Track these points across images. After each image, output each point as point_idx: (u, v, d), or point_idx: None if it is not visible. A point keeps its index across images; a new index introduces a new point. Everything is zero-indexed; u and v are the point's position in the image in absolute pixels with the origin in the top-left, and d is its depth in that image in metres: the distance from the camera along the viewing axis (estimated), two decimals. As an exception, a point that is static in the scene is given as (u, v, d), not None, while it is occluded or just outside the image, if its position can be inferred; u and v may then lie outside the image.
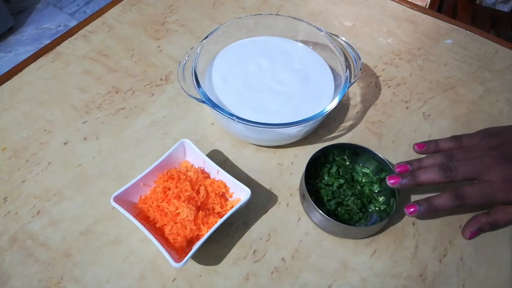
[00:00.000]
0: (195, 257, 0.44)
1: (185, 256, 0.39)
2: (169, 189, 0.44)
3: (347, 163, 0.50)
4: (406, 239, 0.47)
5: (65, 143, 0.53)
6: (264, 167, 0.52)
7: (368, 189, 0.48)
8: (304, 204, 0.47)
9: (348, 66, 0.52)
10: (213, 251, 0.45)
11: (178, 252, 0.42)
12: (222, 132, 0.55)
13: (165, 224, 0.43)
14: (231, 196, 0.47)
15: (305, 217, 0.48)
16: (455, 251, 0.46)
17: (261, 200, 0.49)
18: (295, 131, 0.49)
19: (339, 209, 0.47)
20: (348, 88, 0.50)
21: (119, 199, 0.42)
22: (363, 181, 0.49)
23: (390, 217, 0.44)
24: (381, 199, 0.48)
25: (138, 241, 0.45)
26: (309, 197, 0.44)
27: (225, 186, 0.46)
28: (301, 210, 0.48)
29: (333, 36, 0.54)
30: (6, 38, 1.75)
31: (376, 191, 0.48)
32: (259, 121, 0.45)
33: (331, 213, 0.46)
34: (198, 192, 0.45)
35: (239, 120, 0.45)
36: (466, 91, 0.61)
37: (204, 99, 0.47)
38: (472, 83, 0.62)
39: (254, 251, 0.45)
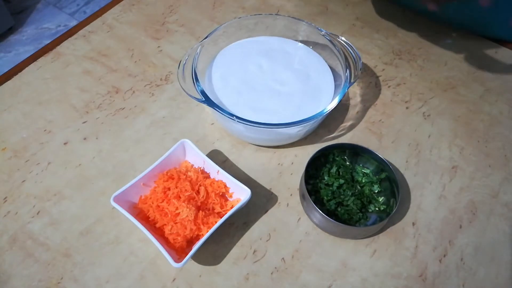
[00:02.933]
0: (195, 257, 0.44)
1: (185, 256, 0.39)
2: (169, 189, 0.44)
3: (347, 163, 0.50)
4: (406, 239, 0.47)
5: (65, 143, 0.53)
6: (264, 167, 0.52)
7: (368, 189, 0.48)
8: (304, 204, 0.47)
9: (348, 66, 0.52)
10: (213, 251, 0.45)
11: (178, 252, 0.42)
12: (222, 132, 0.55)
13: (165, 224, 0.43)
14: (231, 196, 0.47)
15: (305, 217, 0.48)
16: (455, 251, 0.46)
17: (261, 200, 0.49)
18: (295, 131, 0.49)
19: (339, 209, 0.47)
20: (348, 88, 0.50)
21: (119, 199, 0.42)
22: (363, 181, 0.49)
23: (390, 217, 0.44)
24: (381, 199, 0.48)
25: (138, 241, 0.45)
26: (309, 197, 0.44)
27: (225, 186, 0.46)
28: (301, 210, 0.48)
29: (333, 36, 0.54)
30: (6, 38, 1.75)
31: (376, 191, 0.48)
32: (259, 121, 0.45)
33: (331, 213, 0.46)
34: (198, 192, 0.45)
35: (239, 120, 0.45)
36: (466, 91, 0.61)
37: (204, 99, 0.47)
38: (472, 83, 0.62)
39: (254, 251, 0.45)
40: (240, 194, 0.45)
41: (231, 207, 0.45)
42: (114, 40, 0.64)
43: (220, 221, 0.41)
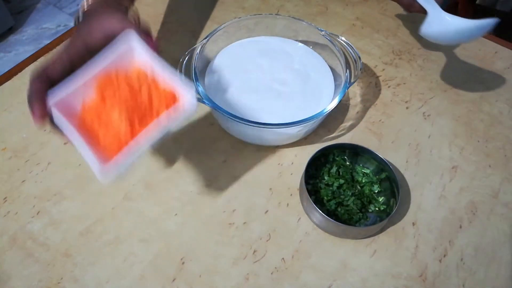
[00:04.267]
0: (195, 257, 0.44)
1: (114, 167, 0.34)
2: (107, 93, 0.39)
3: (347, 163, 0.50)
4: (406, 239, 0.47)
5: (65, 143, 0.53)
6: (264, 167, 0.52)
7: (368, 189, 0.48)
8: (304, 204, 0.47)
9: (348, 66, 0.52)
10: (213, 251, 0.45)
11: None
12: (222, 132, 0.55)
13: (101, 133, 0.37)
14: (177, 104, 0.39)
15: (305, 217, 0.48)
16: (455, 251, 0.46)
17: (261, 200, 0.49)
18: (295, 131, 0.49)
19: (339, 209, 0.47)
20: (348, 88, 0.50)
21: (60, 108, 0.37)
22: (363, 181, 0.49)
23: (390, 217, 0.44)
24: (381, 199, 0.48)
25: (138, 241, 0.45)
26: (309, 197, 0.44)
27: (173, 95, 0.38)
28: (301, 210, 0.48)
29: (333, 36, 0.54)
30: (6, 38, 1.75)
31: (376, 191, 0.48)
32: (259, 121, 0.45)
33: (331, 213, 0.46)
34: (139, 95, 0.38)
35: (239, 120, 0.45)
36: (466, 91, 0.61)
37: (204, 99, 0.47)
38: (472, 83, 0.62)
39: (254, 251, 0.45)
40: (186, 100, 0.38)
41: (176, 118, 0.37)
42: (114, 40, 0.64)
43: (160, 129, 0.36)
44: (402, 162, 0.53)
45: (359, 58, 0.52)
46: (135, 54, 0.40)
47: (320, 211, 0.43)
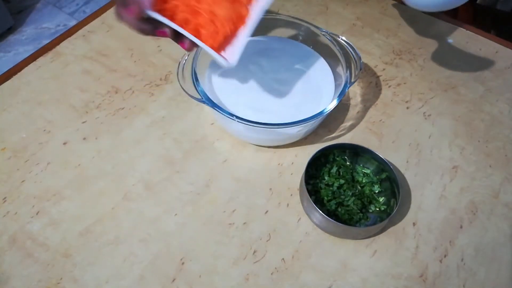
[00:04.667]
0: (195, 257, 0.44)
1: (235, 50, 0.35)
2: None
3: (348, 163, 0.50)
4: (407, 240, 0.47)
5: (64, 143, 0.52)
6: (264, 167, 0.52)
7: (368, 189, 0.48)
8: (304, 204, 0.47)
9: (348, 66, 0.51)
10: (213, 251, 0.45)
11: (223, 47, 0.37)
12: (222, 132, 0.55)
13: (201, 25, 0.37)
14: None
15: (305, 217, 0.48)
16: (455, 252, 0.46)
17: (261, 200, 0.49)
18: (295, 131, 0.49)
19: (339, 209, 0.46)
20: (348, 88, 0.50)
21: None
22: (364, 181, 0.49)
23: (390, 217, 0.44)
24: (381, 199, 0.48)
25: (138, 241, 0.45)
26: (309, 197, 0.44)
27: None
28: (301, 210, 0.48)
29: (333, 36, 0.54)
30: (5, 38, 1.75)
31: (377, 191, 0.48)
32: (259, 121, 0.45)
33: (331, 214, 0.46)
34: None
35: (239, 120, 0.45)
36: (466, 91, 0.61)
37: (204, 99, 0.47)
38: (472, 83, 0.62)
39: (254, 252, 0.45)
40: None
41: None
42: (113, 39, 0.64)
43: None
44: (402, 162, 0.53)
45: (359, 58, 0.52)
46: None
47: (320, 211, 0.43)
